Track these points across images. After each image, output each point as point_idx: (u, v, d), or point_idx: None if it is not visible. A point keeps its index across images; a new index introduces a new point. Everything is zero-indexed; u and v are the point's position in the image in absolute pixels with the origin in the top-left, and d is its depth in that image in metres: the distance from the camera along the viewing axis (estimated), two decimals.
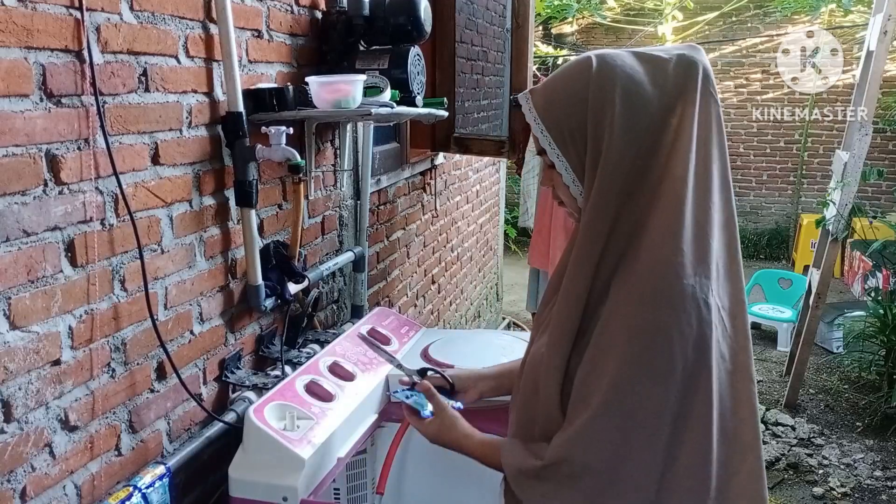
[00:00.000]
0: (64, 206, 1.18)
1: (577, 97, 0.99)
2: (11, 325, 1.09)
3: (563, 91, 1.03)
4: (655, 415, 0.93)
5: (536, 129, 1.05)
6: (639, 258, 0.96)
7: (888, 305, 4.16)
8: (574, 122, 1.00)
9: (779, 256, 7.80)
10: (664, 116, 0.97)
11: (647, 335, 0.93)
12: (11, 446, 1.10)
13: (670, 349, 0.93)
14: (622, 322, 0.95)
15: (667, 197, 0.96)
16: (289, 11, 1.86)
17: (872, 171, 4.28)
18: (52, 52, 1.13)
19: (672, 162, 0.96)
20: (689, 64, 0.99)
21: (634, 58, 1.00)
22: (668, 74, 0.99)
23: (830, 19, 7.15)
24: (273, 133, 1.64)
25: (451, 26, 3.14)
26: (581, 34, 8.37)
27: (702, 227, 0.96)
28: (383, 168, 2.74)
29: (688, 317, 0.93)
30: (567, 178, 1.04)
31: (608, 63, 0.99)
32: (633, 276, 0.96)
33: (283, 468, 1.38)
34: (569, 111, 1.00)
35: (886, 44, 3.88)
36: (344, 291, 2.33)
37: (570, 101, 1.00)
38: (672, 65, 0.99)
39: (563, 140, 1.02)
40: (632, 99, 0.97)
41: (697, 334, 0.93)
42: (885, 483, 3.41)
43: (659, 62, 1.00)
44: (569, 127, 1.01)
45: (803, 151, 7.71)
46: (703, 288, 0.94)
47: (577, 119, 0.99)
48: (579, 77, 1.00)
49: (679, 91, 0.98)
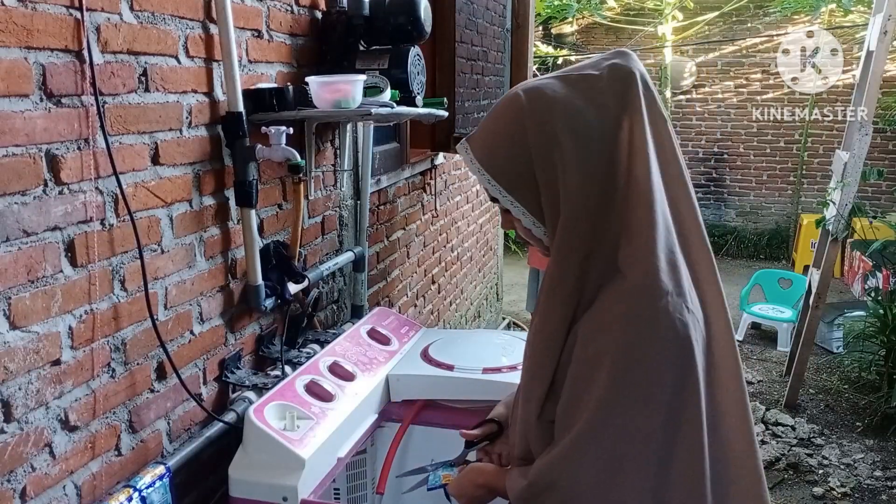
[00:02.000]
0: (64, 206, 1.18)
1: (517, 140, 0.95)
2: (11, 325, 1.09)
3: (501, 136, 0.98)
4: (642, 440, 0.90)
5: (482, 179, 1.00)
6: (614, 285, 0.93)
7: (888, 305, 4.16)
8: (521, 167, 0.96)
9: (779, 256, 7.80)
10: (613, 136, 0.93)
11: (627, 361, 0.91)
12: (11, 446, 1.10)
13: (652, 373, 0.90)
14: (602, 349, 0.92)
15: (636, 220, 0.92)
16: (289, 11, 1.86)
17: (872, 171, 4.27)
18: (52, 52, 1.13)
19: (633, 182, 0.93)
20: (624, 75, 0.95)
21: (563, 83, 0.96)
22: (605, 91, 0.94)
23: (830, 19, 7.15)
24: (273, 133, 1.64)
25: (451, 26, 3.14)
26: (581, 34, 8.37)
27: (671, 243, 0.93)
28: (383, 168, 2.74)
29: (667, 338, 0.90)
30: (527, 221, 1.00)
31: (539, 97, 0.95)
32: (609, 302, 0.93)
33: (283, 468, 1.38)
34: (512, 156, 0.96)
35: (886, 44, 3.88)
36: (344, 291, 2.33)
37: (511, 146, 0.96)
38: (605, 80, 0.95)
39: (513, 186, 0.98)
40: (575, 128, 0.93)
41: (678, 354, 0.91)
42: (885, 483, 3.41)
43: (591, 80, 0.95)
44: (516, 172, 0.97)
45: (803, 151, 7.71)
46: (677, 306, 0.91)
47: (522, 163, 0.95)
48: (514, 119, 0.96)
49: (621, 105, 0.94)
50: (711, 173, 8.04)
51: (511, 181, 0.98)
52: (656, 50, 7.87)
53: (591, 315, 0.94)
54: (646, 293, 0.91)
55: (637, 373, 0.90)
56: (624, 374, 0.90)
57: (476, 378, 1.78)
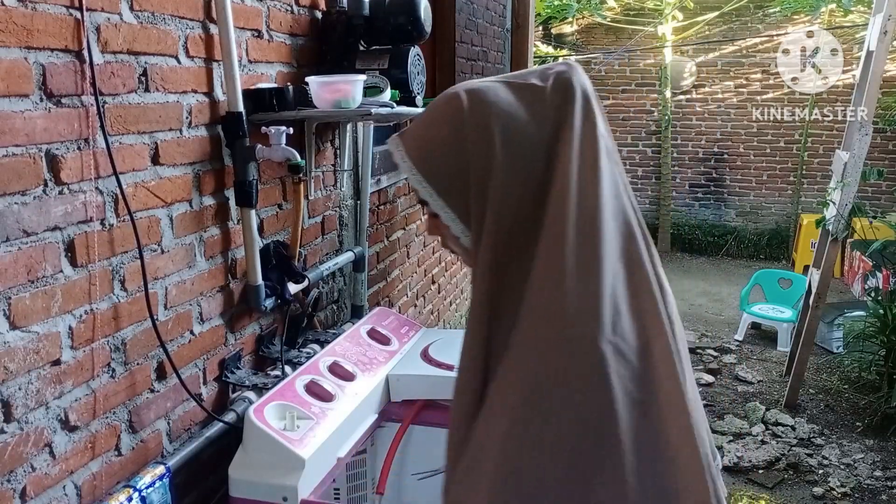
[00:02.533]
0: (64, 206, 1.18)
1: (454, 141, 0.90)
2: (11, 325, 1.09)
3: (437, 136, 0.93)
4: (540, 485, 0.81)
5: (414, 180, 0.94)
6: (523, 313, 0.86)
7: (888, 305, 4.16)
8: (454, 170, 0.90)
9: (779, 256, 7.80)
10: (547, 149, 0.89)
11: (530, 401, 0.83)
12: (11, 446, 1.10)
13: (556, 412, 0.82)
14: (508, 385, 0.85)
15: (548, 240, 0.87)
16: (289, 11, 1.86)
17: (872, 171, 4.27)
18: (52, 52, 1.13)
19: (553, 198, 0.88)
20: (566, 88, 0.91)
21: (508, 89, 0.92)
22: (546, 103, 0.91)
23: (830, 19, 7.15)
24: (273, 133, 1.64)
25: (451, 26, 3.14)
26: (581, 34, 8.37)
27: (587, 266, 0.86)
28: (383, 168, 2.74)
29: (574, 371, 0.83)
30: (456, 229, 0.94)
31: (481, 100, 0.90)
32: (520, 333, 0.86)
33: (283, 468, 1.38)
34: (447, 158, 0.91)
35: (886, 44, 3.88)
36: (344, 291, 2.33)
37: (447, 147, 0.91)
38: (549, 91, 0.91)
39: (445, 190, 0.92)
40: (511, 136, 0.88)
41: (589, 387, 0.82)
42: (885, 483, 3.41)
43: (535, 90, 0.92)
44: (449, 175, 0.91)
45: (803, 151, 7.71)
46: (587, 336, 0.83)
47: (457, 166, 0.90)
48: (452, 119, 0.91)
49: (559, 119, 0.90)
50: (711, 173, 8.04)
51: (444, 185, 0.92)
52: (656, 50, 7.87)
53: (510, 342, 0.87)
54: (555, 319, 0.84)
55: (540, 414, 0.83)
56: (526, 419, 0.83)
57: None
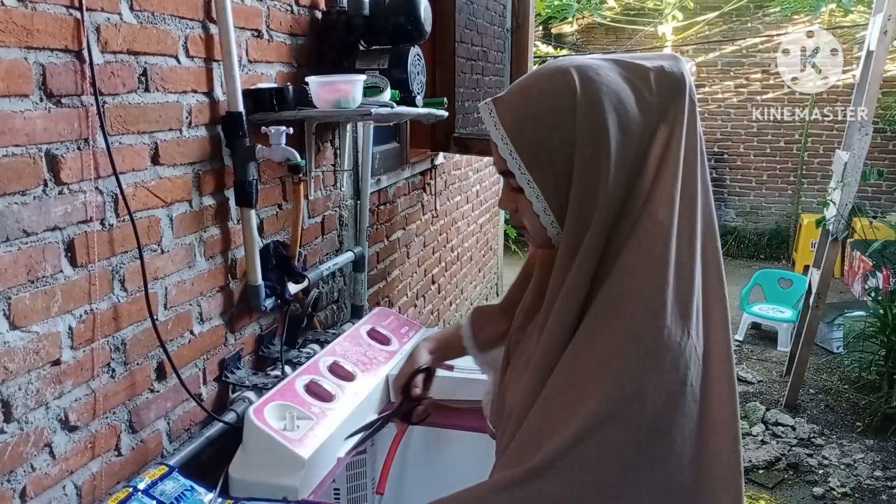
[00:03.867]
0: (64, 206, 1.18)
1: (561, 118, 0.87)
2: (11, 325, 1.09)
3: (541, 108, 0.88)
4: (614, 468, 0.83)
5: (504, 149, 0.90)
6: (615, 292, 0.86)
7: (888, 305, 4.16)
8: (555, 145, 0.87)
9: (779, 256, 7.80)
10: (648, 141, 0.88)
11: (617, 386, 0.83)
12: (11, 446, 1.10)
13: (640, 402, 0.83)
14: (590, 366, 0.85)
15: (650, 227, 0.86)
16: (289, 11, 1.86)
17: (872, 171, 4.27)
18: (52, 52, 1.13)
19: (656, 193, 0.87)
20: (675, 81, 0.90)
21: (615, 67, 0.90)
22: (653, 91, 0.89)
23: (830, 19, 7.15)
24: (273, 133, 1.64)
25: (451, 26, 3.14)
26: (581, 34, 8.37)
27: (686, 259, 0.87)
28: (383, 168, 2.74)
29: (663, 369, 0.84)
30: (538, 206, 0.91)
31: (592, 78, 0.87)
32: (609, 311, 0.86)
33: (283, 468, 1.38)
34: (549, 133, 0.87)
35: (886, 44, 3.88)
36: (344, 291, 2.33)
37: (552, 122, 0.87)
38: (655, 77, 0.89)
39: (538, 165, 0.89)
40: (622, 123, 0.86)
41: (670, 389, 0.84)
42: (885, 483, 3.41)
43: (642, 73, 0.90)
44: (547, 150, 0.88)
45: (803, 151, 7.71)
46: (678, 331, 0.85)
47: (559, 142, 0.87)
48: (562, 94, 0.87)
49: (664, 111, 0.89)
50: (712, 173, 7.92)
51: (538, 160, 0.88)
52: (656, 50, 7.87)
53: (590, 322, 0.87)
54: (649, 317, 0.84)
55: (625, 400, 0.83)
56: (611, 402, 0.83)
57: (476, 378, 1.78)
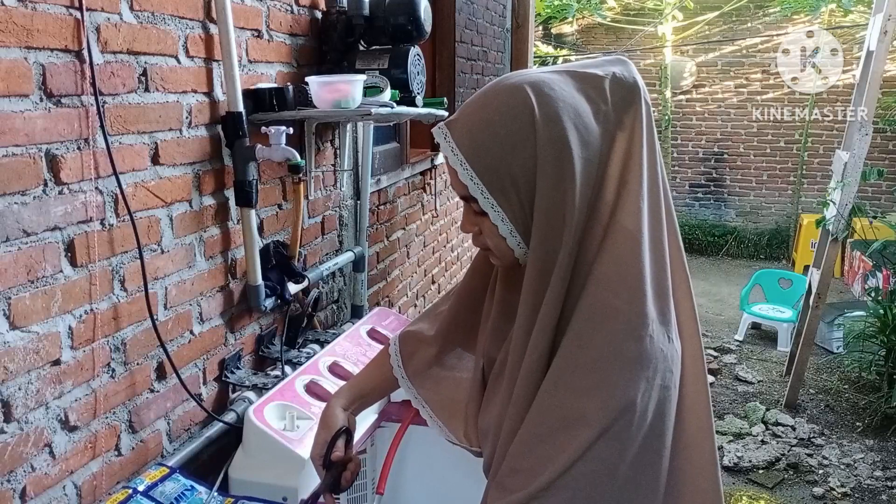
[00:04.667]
0: (64, 206, 1.18)
1: (520, 137, 0.85)
2: (11, 325, 1.09)
3: (499, 130, 0.86)
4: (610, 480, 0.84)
5: (465, 174, 0.87)
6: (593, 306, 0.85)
7: (888, 305, 4.16)
8: (517, 167, 0.85)
9: (779, 256, 7.80)
10: (608, 151, 0.87)
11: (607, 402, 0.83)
12: (11, 446, 1.10)
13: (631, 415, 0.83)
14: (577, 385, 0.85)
15: (620, 245, 0.86)
16: (289, 11, 1.86)
17: (872, 171, 4.27)
18: (52, 52, 1.13)
19: (623, 202, 0.87)
20: (628, 87, 0.89)
21: (569, 79, 0.89)
22: (608, 101, 0.88)
23: (830, 19, 7.15)
24: (273, 133, 1.64)
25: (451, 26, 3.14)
26: (581, 34, 8.37)
27: (660, 262, 0.88)
28: (383, 168, 2.74)
29: (650, 379, 0.84)
30: (504, 229, 0.89)
31: (548, 94, 0.85)
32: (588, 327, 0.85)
33: (283, 468, 1.38)
34: (509, 154, 0.85)
35: (886, 44, 3.88)
36: (344, 291, 2.33)
37: (511, 143, 0.85)
38: (609, 87, 0.89)
39: (500, 188, 0.87)
40: (581, 136, 0.85)
41: (659, 397, 0.85)
42: (885, 483, 3.41)
43: (595, 82, 0.89)
44: (509, 173, 0.86)
45: (803, 151, 7.71)
46: (661, 338, 0.86)
47: (521, 163, 0.85)
48: (519, 113, 0.85)
49: (620, 120, 0.88)
50: (711, 173, 8.04)
51: (500, 183, 0.86)
52: (656, 50, 7.87)
53: (571, 339, 0.86)
54: (629, 330, 0.84)
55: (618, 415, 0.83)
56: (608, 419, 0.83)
57: None
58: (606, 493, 0.84)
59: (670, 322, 0.88)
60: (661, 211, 0.90)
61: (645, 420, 0.85)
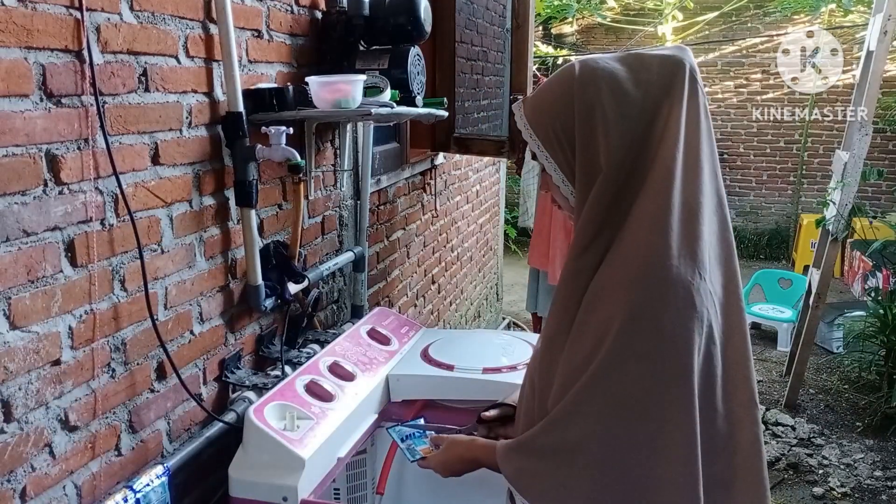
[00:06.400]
0: (64, 206, 1.18)
1: (563, 99, 1.03)
2: (11, 325, 1.09)
3: (549, 95, 1.07)
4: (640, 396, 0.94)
5: (526, 133, 1.08)
6: (624, 242, 0.97)
7: (888, 305, 4.16)
8: (560, 124, 1.03)
9: (779, 256, 7.80)
10: (652, 114, 0.99)
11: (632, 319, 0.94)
12: (11, 446, 1.10)
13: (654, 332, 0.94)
14: (607, 306, 0.96)
15: (655, 183, 0.97)
16: (289, 11, 1.86)
17: (872, 171, 4.27)
18: (52, 52, 1.13)
19: (661, 152, 0.98)
20: (674, 63, 1.01)
21: (617, 60, 1.04)
22: (653, 74, 1.01)
23: (830, 19, 7.15)
24: (273, 133, 1.64)
25: (451, 26, 3.14)
26: (581, 34, 8.37)
27: (691, 210, 0.97)
28: (383, 168, 2.74)
29: (673, 301, 0.94)
30: (557, 178, 1.07)
31: (590, 66, 1.02)
32: (619, 260, 0.97)
33: (283, 468, 1.38)
34: (555, 113, 1.04)
35: (886, 44, 3.88)
36: (344, 291, 2.33)
37: (556, 104, 1.04)
38: (656, 64, 1.01)
39: (550, 142, 1.05)
40: (617, 97, 0.99)
41: (682, 319, 0.94)
42: (885, 483, 3.41)
43: (643, 61, 1.02)
44: (555, 129, 1.04)
45: (803, 151, 7.71)
46: (688, 271, 0.95)
47: (563, 121, 1.02)
48: (564, 80, 1.04)
49: (665, 90, 1.00)
50: None
51: (549, 137, 1.05)
52: None
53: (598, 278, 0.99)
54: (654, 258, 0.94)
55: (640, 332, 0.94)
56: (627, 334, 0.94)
57: (476, 378, 1.79)
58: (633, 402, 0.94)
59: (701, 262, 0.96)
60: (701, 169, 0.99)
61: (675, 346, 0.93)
